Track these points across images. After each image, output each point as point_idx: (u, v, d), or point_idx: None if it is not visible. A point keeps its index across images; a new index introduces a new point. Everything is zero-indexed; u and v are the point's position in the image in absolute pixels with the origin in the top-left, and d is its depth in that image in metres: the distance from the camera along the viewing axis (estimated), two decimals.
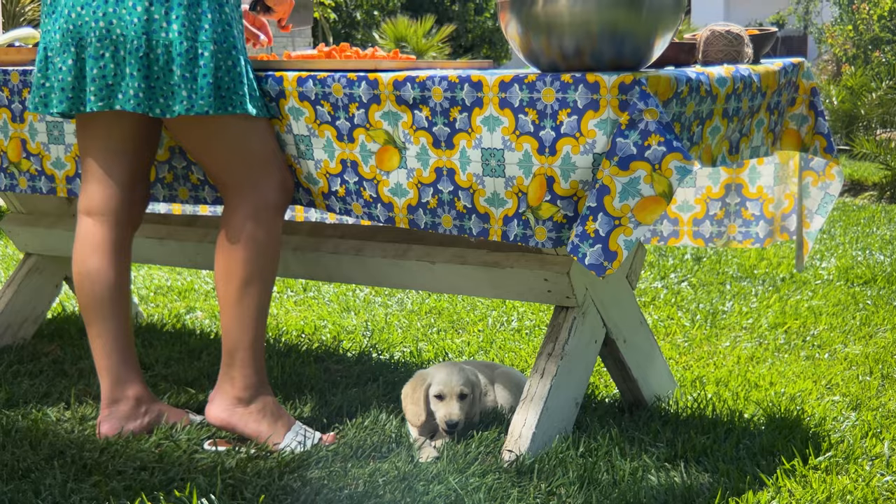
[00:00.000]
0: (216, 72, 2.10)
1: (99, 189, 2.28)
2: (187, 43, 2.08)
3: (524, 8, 1.98)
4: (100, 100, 2.12)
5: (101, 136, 2.27)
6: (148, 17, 2.07)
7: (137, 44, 2.07)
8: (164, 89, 2.09)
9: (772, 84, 2.25)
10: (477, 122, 2.03)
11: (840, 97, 8.69)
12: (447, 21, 19.15)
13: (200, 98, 2.08)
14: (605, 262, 1.88)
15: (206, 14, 2.10)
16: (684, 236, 2.68)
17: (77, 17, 2.12)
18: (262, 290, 2.22)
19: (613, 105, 1.90)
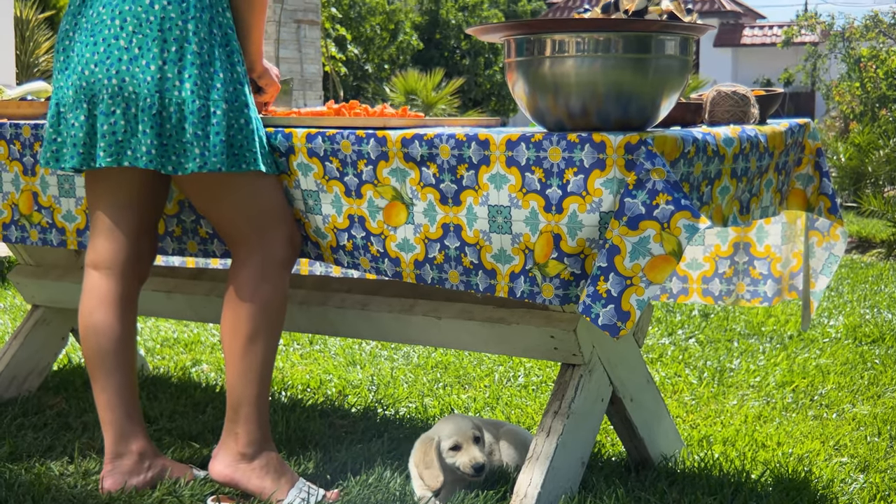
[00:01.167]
0: (228, 130, 2.12)
1: (106, 243, 2.29)
2: (199, 101, 2.10)
3: (531, 68, 2.00)
4: (109, 156, 2.14)
5: (109, 191, 2.28)
6: (161, 75, 2.09)
7: (150, 101, 2.09)
8: (176, 147, 2.11)
9: (779, 144, 2.26)
10: (484, 179, 2.04)
11: (848, 154, 8.72)
12: (457, 74, 19.31)
13: (213, 156, 2.10)
14: (618, 323, 1.88)
15: (218, 73, 2.12)
16: (693, 294, 2.68)
17: (90, 73, 2.14)
18: (268, 346, 2.23)
19: (620, 165, 1.91)
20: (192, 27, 2.12)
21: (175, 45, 2.10)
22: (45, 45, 10.62)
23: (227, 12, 2.19)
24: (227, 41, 2.17)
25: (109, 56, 2.12)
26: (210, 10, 2.15)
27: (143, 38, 2.10)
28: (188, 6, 2.12)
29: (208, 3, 2.15)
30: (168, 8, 2.11)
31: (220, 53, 2.14)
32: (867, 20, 12.89)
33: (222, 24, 2.17)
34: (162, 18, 2.11)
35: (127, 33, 2.11)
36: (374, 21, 18.66)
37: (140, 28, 2.11)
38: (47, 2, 12.38)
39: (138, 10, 2.12)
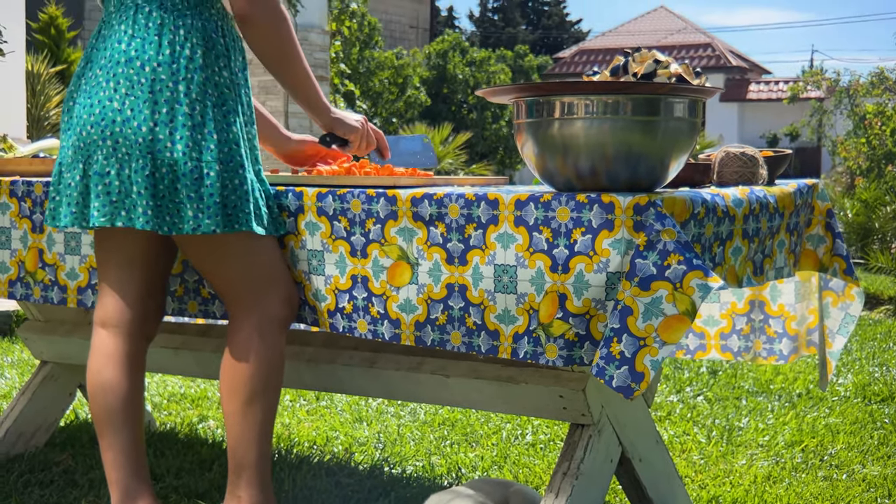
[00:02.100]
0: (222, 191, 2.12)
1: (113, 301, 2.30)
2: (192, 163, 2.10)
3: (540, 130, 2.01)
4: (102, 216, 2.15)
5: (117, 249, 2.29)
6: (153, 136, 2.10)
7: (143, 162, 2.10)
8: (170, 207, 2.12)
9: (789, 205, 2.26)
10: (491, 238, 2.05)
11: (854, 210, 8.73)
12: (464, 128, 19.43)
13: (207, 217, 2.11)
14: (632, 384, 1.87)
15: (211, 134, 2.13)
16: (712, 350, 2.68)
17: (87, 134, 2.16)
18: (267, 408, 2.22)
19: (628, 225, 1.92)
20: (183, 88, 2.12)
21: (166, 107, 2.11)
22: (56, 98, 10.72)
23: (225, 71, 2.19)
24: (223, 101, 2.17)
25: (104, 117, 2.14)
26: (204, 71, 2.15)
27: (136, 100, 2.11)
28: (179, 67, 2.13)
29: (201, 63, 2.15)
30: (158, 70, 2.12)
31: (214, 114, 2.14)
32: (872, 76, 12.96)
33: (218, 83, 2.17)
34: (153, 80, 2.12)
35: (120, 95, 2.13)
36: (382, 76, 18.81)
37: (132, 90, 2.12)
38: (58, 56, 12.51)
39: (130, 71, 2.13)
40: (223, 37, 2.21)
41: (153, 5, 2.17)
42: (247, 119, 2.24)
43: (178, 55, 2.14)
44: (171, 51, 2.14)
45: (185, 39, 2.15)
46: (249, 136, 2.23)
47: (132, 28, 2.16)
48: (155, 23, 2.16)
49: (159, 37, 2.14)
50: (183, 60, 2.14)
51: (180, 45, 2.14)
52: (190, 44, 2.15)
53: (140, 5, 2.18)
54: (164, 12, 2.16)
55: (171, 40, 2.14)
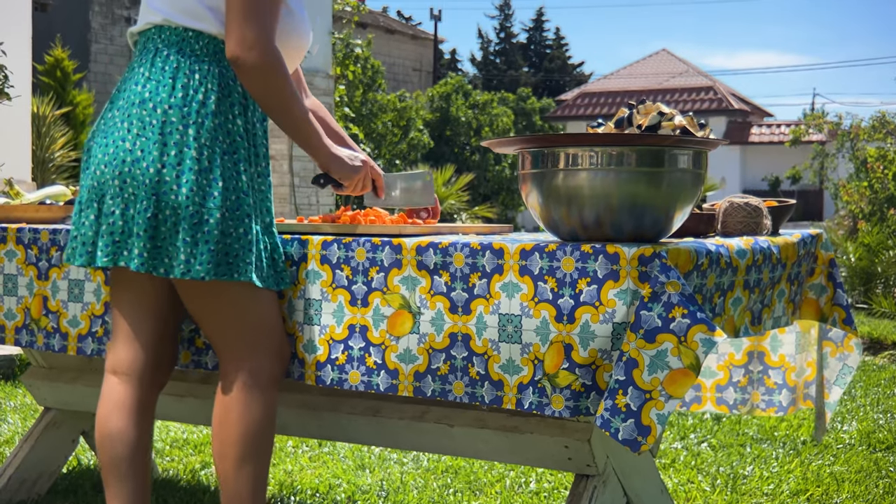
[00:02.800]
0: (223, 238, 2.11)
1: (126, 348, 2.29)
2: (193, 207, 2.10)
3: (545, 180, 2.02)
4: (105, 255, 2.15)
5: (130, 295, 2.29)
6: (159, 178, 2.10)
7: (147, 204, 2.11)
8: (169, 250, 2.12)
9: (791, 255, 2.27)
10: (496, 287, 2.05)
11: (857, 254, 8.73)
12: (466, 170, 19.50)
13: (198, 263, 2.10)
14: (638, 437, 1.87)
15: (217, 181, 2.12)
16: (707, 402, 2.67)
17: (101, 174, 2.17)
18: (258, 468, 2.19)
19: (633, 276, 1.92)
20: (193, 132, 2.12)
21: (174, 150, 2.11)
22: (61, 140, 10.78)
23: (239, 119, 2.19)
24: (234, 149, 2.16)
25: (116, 157, 2.15)
26: (216, 117, 2.15)
27: (146, 141, 2.12)
28: (190, 111, 2.13)
29: (214, 109, 2.15)
30: (169, 112, 2.13)
31: (223, 161, 2.13)
32: (874, 121, 13.02)
33: (231, 131, 2.16)
34: (163, 122, 2.12)
35: (132, 135, 2.14)
36: (385, 118, 18.91)
37: (143, 131, 2.13)
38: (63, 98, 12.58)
39: (143, 112, 2.14)
40: (241, 85, 2.20)
41: (172, 50, 2.18)
42: (261, 170, 2.23)
43: (191, 99, 2.14)
44: (184, 94, 2.14)
45: (200, 84, 2.16)
46: (262, 187, 2.22)
47: (149, 70, 2.18)
48: (171, 66, 2.17)
49: (173, 80, 2.16)
50: (195, 105, 2.14)
51: (193, 90, 2.15)
52: (204, 89, 2.16)
53: (160, 49, 2.20)
54: (182, 57, 2.18)
55: (185, 84, 2.15)
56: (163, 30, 2.21)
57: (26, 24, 8.30)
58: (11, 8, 8.19)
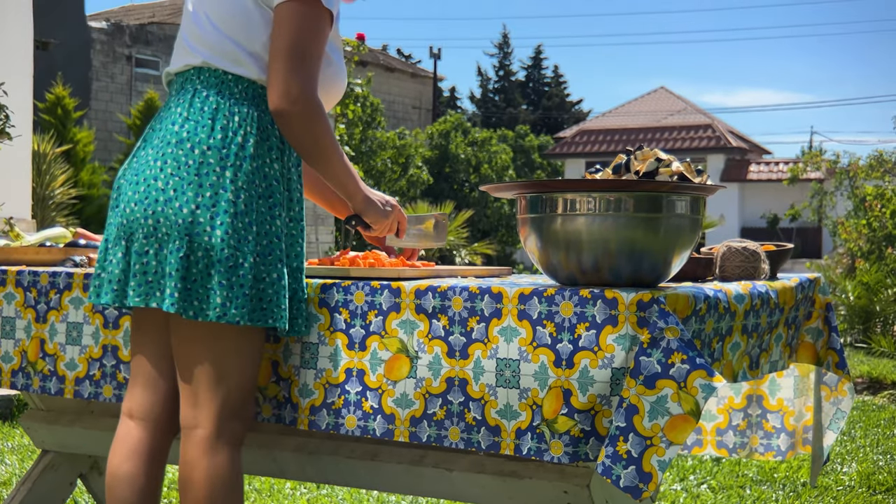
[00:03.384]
0: (256, 283, 2.10)
1: (145, 393, 2.26)
2: (229, 250, 2.08)
3: (543, 225, 2.03)
4: (137, 295, 2.12)
5: (153, 338, 2.26)
6: (193, 218, 2.08)
7: (180, 244, 2.08)
8: (199, 292, 2.09)
9: (789, 300, 2.27)
10: (494, 332, 2.05)
11: (856, 293, 8.73)
12: (465, 207, 19.56)
13: (234, 307, 2.07)
14: (640, 485, 1.86)
15: (252, 225, 2.11)
16: (707, 445, 2.66)
17: (131, 212, 2.14)
18: None
19: (632, 321, 1.92)
20: (230, 174, 2.10)
21: (210, 191, 2.09)
22: (61, 178, 10.82)
23: (276, 164, 2.17)
24: (269, 193, 2.14)
25: (148, 196, 2.12)
26: (254, 160, 2.13)
27: (180, 181, 2.10)
28: (228, 153, 2.11)
29: (252, 152, 2.13)
30: (208, 153, 2.11)
31: (258, 205, 2.12)
32: (872, 159, 13.07)
33: (268, 175, 2.15)
34: (200, 163, 2.10)
35: (165, 175, 2.11)
36: (385, 155, 18.98)
37: (178, 170, 2.11)
38: (64, 136, 12.64)
39: (179, 152, 2.12)
40: (279, 130, 2.19)
41: (212, 91, 2.17)
42: (293, 214, 2.21)
43: (230, 141, 2.12)
44: (223, 136, 2.13)
45: (239, 127, 2.14)
46: (293, 232, 2.21)
47: (188, 111, 2.16)
48: (210, 107, 2.15)
49: (213, 121, 2.14)
50: (234, 147, 2.12)
51: (233, 132, 2.13)
52: (243, 131, 2.14)
53: (198, 90, 2.18)
54: (222, 98, 2.16)
55: (224, 126, 2.13)
56: (202, 71, 2.20)
57: (28, 63, 8.35)
58: (13, 47, 8.25)
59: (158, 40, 20.69)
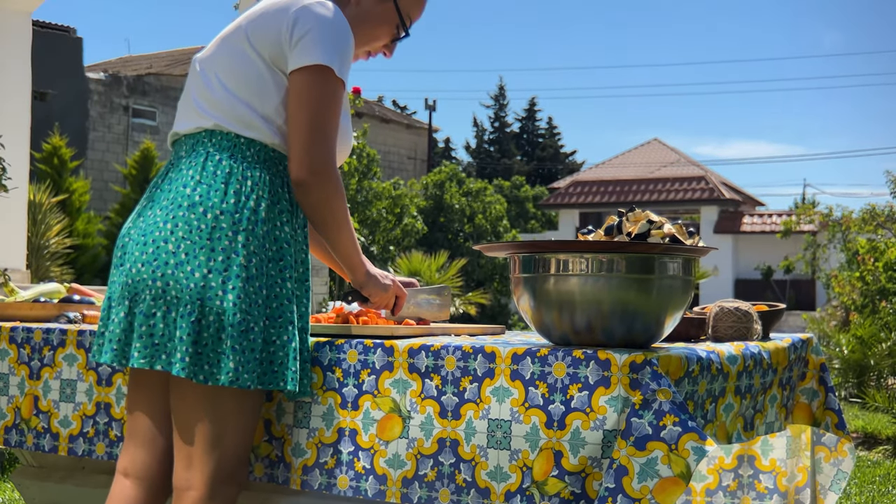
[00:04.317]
0: (267, 347, 2.10)
1: (141, 451, 2.25)
2: (241, 315, 2.07)
3: (536, 284, 2.04)
4: (143, 357, 2.11)
5: (150, 398, 2.25)
6: (205, 283, 2.08)
7: (191, 308, 2.07)
8: (210, 357, 2.08)
9: (782, 360, 2.28)
10: (486, 392, 2.05)
11: (850, 347, 8.73)
12: (460, 256, 19.59)
13: (246, 372, 2.07)
14: None
15: (262, 289, 2.11)
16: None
17: (137, 272, 2.13)
18: None
19: (624, 383, 1.92)
20: (242, 239, 2.10)
21: (222, 255, 2.09)
22: (56, 227, 10.83)
23: (287, 226, 2.18)
24: (280, 256, 2.15)
25: (157, 258, 2.11)
26: (266, 224, 2.14)
27: (192, 245, 2.09)
28: (241, 218, 2.12)
29: (264, 216, 2.14)
30: (220, 218, 2.11)
31: (269, 268, 2.12)
32: (864, 213, 13.14)
33: (278, 238, 2.15)
34: (213, 227, 2.10)
35: (177, 238, 2.11)
36: (380, 205, 19.04)
37: (190, 234, 2.10)
38: (60, 186, 12.67)
39: (191, 216, 2.11)
40: (289, 192, 2.20)
41: (224, 154, 2.18)
42: (300, 276, 2.22)
43: (243, 206, 2.13)
44: (236, 200, 2.13)
45: (252, 191, 2.15)
46: (299, 293, 2.21)
47: (200, 174, 2.16)
48: (223, 171, 2.16)
49: (226, 185, 2.14)
50: (246, 211, 2.13)
51: (245, 196, 2.14)
52: (255, 196, 2.14)
53: (211, 153, 2.18)
54: (234, 162, 2.17)
55: (237, 190, 2.14)
56: (214, 134, 2.20)
57: (25, 115, 8.39)
58: (11, 99, 8.29)
59: (155, 91, 20.83)
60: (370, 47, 2.40)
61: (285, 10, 2.18)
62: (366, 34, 2.36)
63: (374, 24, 2.36)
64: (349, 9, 2.33)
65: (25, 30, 8.73)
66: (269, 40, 2.18)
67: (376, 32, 2.37)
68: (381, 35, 2.38)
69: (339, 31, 2.18)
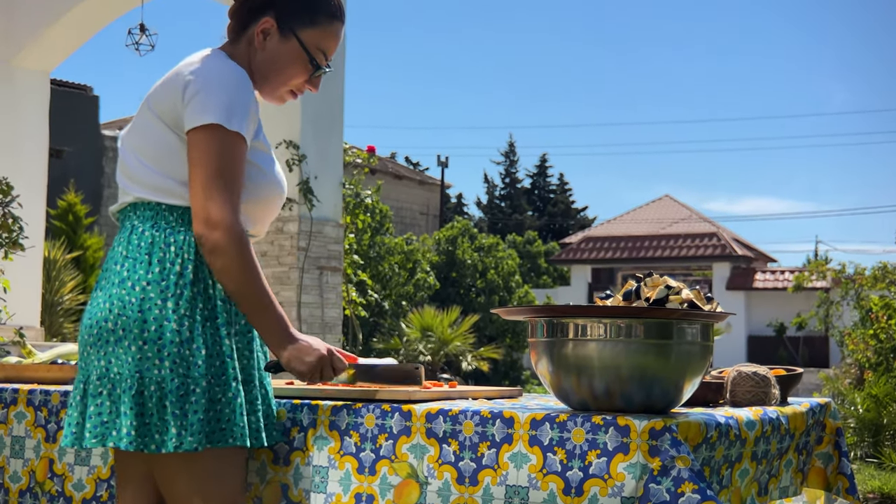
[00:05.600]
0: (212, 406, 2.11)
1: None
2: (178, 380, 2.09)
3: (555, 349, 2.04)
4: (94, 437, 2.13)
5: (132, 469, 2.27)
6: (141, 355, 2.10)
7: (131, 382, 2.10)
8: (158, 425, 2.10)
9: (800, 426, 2.27)
10: (504, 458, 2.04)
11: (865, 406, 8.67)
12: (472, 311, 19.56)
13: (190, 434, 2.08)
14: None
15: (199, 350, 2.12)
16: None
17: (87, 354, 2.19)
18: None
19: (643, 450, 1.92)
20: (172, 305, 2.12)
21: (154, 325, 2.11)
22: (70, 283, 10.88)
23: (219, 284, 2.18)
24: (215, 314, 2.16)
25: (100, 338, 2.15)
26: (196, 285, 2.16)
27: (127, 320, 2.12)
28: (168, 284, 2.14)
29: (192, 279, 2.15)
30: (148, 289, 2.13)
31: (203, 329, 2.14)
32: (876, 270, 13.10)
33: (211, 296, 2.17)
34: (142, 299, 2.13)
35: (114, 315, 2.13)
36: (392, 260, 19.09)
37: (123, 310, 2.13)
38: (74, 242, 12.74)
39: (122, 293, 2.14)
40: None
41: (147, 224, 2.20)
42: (240, 328, 2.21)
43: (168, 272, 2.15)
44: (161, 268, 2.15)
45: (176, 256, 2.16)
46: (239, 345, 2.21)
47: (126, 249, 2.19)
48: (146, 241, 2.18)
49: (149, 255, 2.16)
50: (173, 276, 2.14)
51: (170, 262, 2.16)
52: (181, 259, 2.16)
53: (136, 226, 2.21)
54: (156, 231, 2.19)
55: (161, 258, 2.16)
56: (137, 206, 2.23)
57: (42, 173, 8.47)
58: (29, 157, 8.38)
59: None
60: (291, 86, 2.36)
61: (179, 73, 2.21)
62: (280, 75, 2.33)
63: (285, 64, 2.32)
64: (257, 55, 2.31)
65: (44, 89, 8.85)
66: (168, 106, 2.20)
67: (290, 72, 2.33)
68: (296, 73, 2.34)
69: (229, 85, 2.18)
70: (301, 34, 2.30)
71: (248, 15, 2.31)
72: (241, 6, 2.33)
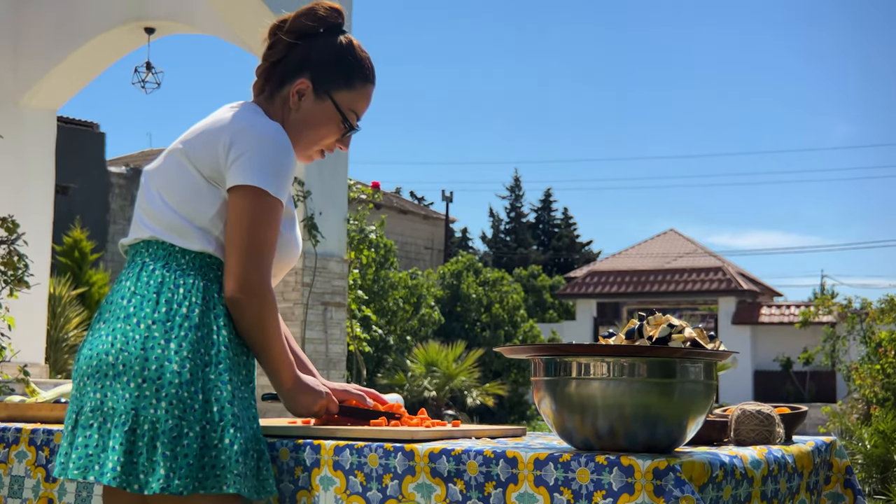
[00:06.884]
0: (207, 451, 2.10)
1: None
2: (173, 421, 2.09)
3: (557, 388, 2.04)
4: (77, 468, 2.13)
5: None
6: (139, 393, 2.10)
7: (125, 418, 2.10)
8: (145, 465, 2.09)
9: (807, 464, 2.26)
10: (512, 498, 2.03)
11: (872, 441, 8.62)
12: (477, 346, 19.53)
13: (178, 478, 2.07)
14: None
15: (198, 394, 2.12)
16: None
17: (84, 385, 2.18)
18: None
19: (648, 490, 1.91)
20: (175, 346, 2.13)
21: (155, 364, 2.11)
22: (75, 320, 10.88)
23: (224, 330, 2.19)
24: (218, 360, 2.16)
25: (98, 370, 2.15)
26: (200, 329, 2.17)
27: (128, 356, 2.13)
28: (173, 325, 2.14)
29: (197, 322, 2.16)
30: (153, 328, 2.14)
31: (204, 373, 2.14)
32: (883, 303, 13.08)
33: (216, 342, 2.17)
34: (146, 337, 2.13)
35: (116, 350, 2.14)
36: (397, 295, 19.09)
37: (126, 346, 2.14)
38: (80, 278, 12.76)
39: (127, 328, 2.15)
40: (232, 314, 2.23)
41: (158, 264, 2.22)
42: (242, 378, 2.22)
43: (174, 313, 2.16)
44: (168, 309, 2.16)
45: (184, 298, 2.17)
46: (245, 394, 2.22)
47: (135, 285, 2.21)
48: (156, 280, 2.19)
49: (158, 294, 2.18)
50: (178, 318, 2.15)
51: (177, 304, 2.17)
52: (188, 302, 2.17)
53: (146, 263, 2.23)
54: (167, 271, 2.20)
55: (169, 298, 2.17)
56: (150, 244, 2.25)
57: (48, 211, 8.51)
58: (35, 194, 8.41)
59: None
60: (322, 146, 2.40)
61: (224, 129, 2.24)
62: (312, 135, 2.37)
63: (319, 125, 2.36)
64: (292, 114, 2.35)
65: (50, 127, 8.90)
66: (208, 160, 2.23)
67: (322, 132, 2.37)
68: (328, 134, 2.38)
69: (275, 151, 2.22)
70: (336, 96, 2.36)
71: (283, 75, 2.35)
72: (274, 66, 2.36)
